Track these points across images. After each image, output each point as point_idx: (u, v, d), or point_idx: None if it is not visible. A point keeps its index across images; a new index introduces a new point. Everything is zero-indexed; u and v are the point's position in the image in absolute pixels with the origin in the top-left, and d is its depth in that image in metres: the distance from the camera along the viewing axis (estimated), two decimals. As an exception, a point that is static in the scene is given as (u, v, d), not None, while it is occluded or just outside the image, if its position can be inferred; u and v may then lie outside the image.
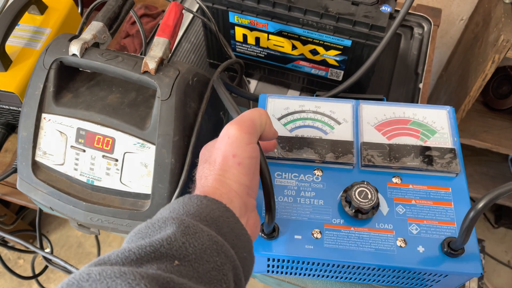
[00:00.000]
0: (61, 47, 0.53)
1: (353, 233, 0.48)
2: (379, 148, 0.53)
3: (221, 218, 0.36)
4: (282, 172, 0.52)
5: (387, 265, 0.47)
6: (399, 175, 0.52)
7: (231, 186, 0.39)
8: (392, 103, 0.57)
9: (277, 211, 0.49)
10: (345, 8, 0.59)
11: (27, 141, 0.54)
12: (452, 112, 0.56)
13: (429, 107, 0.57)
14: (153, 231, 0.33)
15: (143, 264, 0.29)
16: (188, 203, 0.36)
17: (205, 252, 0.32)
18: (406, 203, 0.50)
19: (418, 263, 0.47)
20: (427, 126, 0.55)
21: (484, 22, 1.18)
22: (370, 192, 0.47)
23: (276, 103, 0.57)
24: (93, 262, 0.30)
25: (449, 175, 0.52)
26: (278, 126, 0.55)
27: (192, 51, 0.84)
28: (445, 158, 0.52)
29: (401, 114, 0.56)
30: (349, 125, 0.55)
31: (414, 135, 0.54)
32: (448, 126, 0.55)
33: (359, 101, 0.57)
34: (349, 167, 0.52)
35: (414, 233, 0.48)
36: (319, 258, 0.47)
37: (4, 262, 0.98)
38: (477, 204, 0.40)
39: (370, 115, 0.56)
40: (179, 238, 0.31)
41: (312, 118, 0.56)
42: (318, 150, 0.53)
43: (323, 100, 0.58)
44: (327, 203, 0.50)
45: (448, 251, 0.46)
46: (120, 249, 0.30)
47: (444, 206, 0.50)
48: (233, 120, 0.41)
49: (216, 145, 0.40)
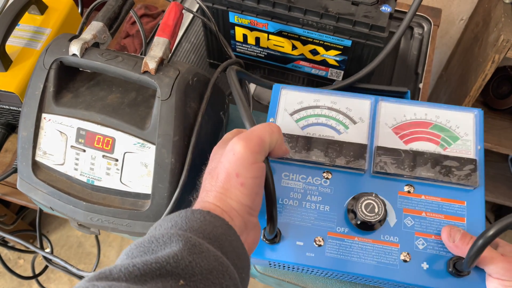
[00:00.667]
0: (61, 47, 0.53)
1: (357, 244, 0.47)
2: (394, 155, 0.49)
3: (223, 236, 0.35)
4: (289, 173, 0.50)
5: (387, 278, 0.45)
6: (412, 184, 0.49)
7: (232, 205, 0.38)
8: (415, 102, 0.53)
9: (281, 214, 0.48)
10: (345, 8, 0.59)
11: (27, 141, 0.54)
12: (480, 115, 0.51)
13: (455, 108, 0.52)
14: (157, 246, 0.32)
15: (147, 281, 0.28)
16: (191, 218, 0.35)
17: (211, 273, 0.31)
18: (416, 215, 0.47)
19: (420, 280, 0.45)
20: (449, 131, 0.51)
21: (484, 22, 1.18)
22: (377, 206, 0.45)
23: (290, 95, 0.54)
24: (93, 276, 0.29)
25: (467, 187, 0.48)
26: (290, 122, 0.53)
27: (192, 51, 0.84)
28: (464, 170, 0.48)
29: (423, 116, 0.52)
30: (365, 125, 0.52)
31: (433, 141, 0.50)
32: (473, 133, 0.50)
33: (378, 98, 0.53)
34: (360, 172, 0.50)
35: (420, 248, 0.46)
36: (319, 267, 0.46)
37: (4, 262, 0.98)
38: (486, 232, 0.38)
39: (388, 115, 0.52)
40: (185, 256, 0.30)
41: (327, 115, 0.52)
42: (329, 153, 0.50)
43: (341, 95, 0.54)
44: (333, 209, 0.48)
45: (453, 271, 0.44)
46: (122, 263, 0.29)
47: (456, 221, 0.47)
48: (241, 135, 0.39)
49: (222, 158, 0.39)
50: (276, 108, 0.53)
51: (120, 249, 1.65)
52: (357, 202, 0.46)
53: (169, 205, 0.51)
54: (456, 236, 0.44)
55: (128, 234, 0.56)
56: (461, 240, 0.44)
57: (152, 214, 0.52)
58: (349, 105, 0.53)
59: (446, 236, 0.45)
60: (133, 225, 0.53)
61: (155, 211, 0.52)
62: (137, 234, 0.55)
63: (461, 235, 0.44)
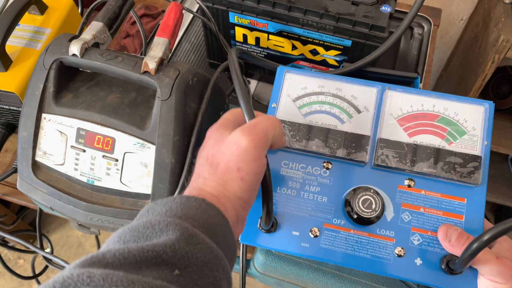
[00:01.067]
0: (61, 47, 0.53)
1: (352, 236, 0.47)
2: (397, 148, 0.48)
3: (217, 226, 0.35)
4: (289, 161, 0.49)
5: (379, 272, 0.46)
6: (412, 178, 0.48)
7: (229, 197, 0.38)
8: (423, 92, 0.51)
9: (279, 203, 0.48)
10: (345, 8, 0.59)
11: (27, 141, 0.54)
12: (490, 109, 0.49)
13: (465, 100, 0.50)
14: (152, 232, 0.31)
15: (142, 268, 0.28)
16: (186, 205, 0.35)
17: (206, 265, 0.31)
18: (414, 211, 0.47)
19: (413, 275, 0.45)
20: (456, 124, 0.49)
21: (484, 22, 1.18)
22: (374, 202, 0.45)
23: (294, 80, 0.52)
24: (85, 261, 0.27)
25: (469, 184, 0.47)
26: (292, 109, 0.51)
27: (192, 51, 0.84)
28: (468, 167, 0.47)
29: (430, 107, 0.50)
30: (369, 115, 0.50)
31: (439, 134, 0.49)
32: (481, 127, 0.49)
33: (385, 87, 0.51)
34: (361, 164, 0.49)
35: (415, 244, 0.46)
36: (313, 257, 0.47)
37: (4, 262, 0.98)
38: (482, 236, 0.38)
39: (395, 105, 0.50)
40: (182, 247, 0.30)
41: (331, 103, 0.51)
42: (330, 143, 0.49)
43: (346, 81, 0.52)
44: (331, 201, 0.48)
45: (446, 269, 0.44)
46: (116, 247, 0.29)
47: (454, 218, 0.47)
48: (246, 128, 0.38)
49: (222, 148, 0.38)
50: (279, 93, 0.52)
51: (120, 249, 1.65)
52: (354, 197, 0.46)
53: (169, 205, 0.51)
54: (452, 236, 0.44)
55: (128, 234, 0.56)
56: (457, 240, 0.44)
57: (152, 214, 0.52)
58: (355, 93, 0.51)
59: (443, 235, 0.45)
60: (133, 225, 0.53)
61: (155, 211, 0.52)
62: (137, 234, 0.55)
63: (457, 235, 0.44)
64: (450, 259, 0.44)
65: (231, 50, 0.50)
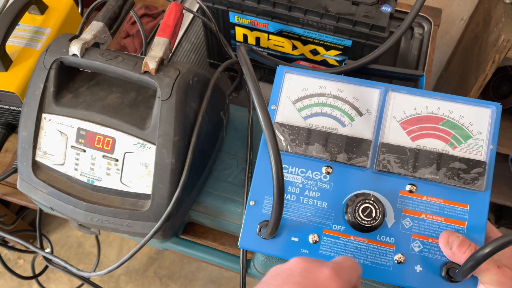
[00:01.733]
0: (61, 47, 0.53)
1: (352, 243, 0.46)
2: (399, 153, 0.47)
3: None
4: (289, 165, 0.49)
5: (379, 279, 0.45)
6: (414, 184, 0.47)
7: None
8: (428, 93, 0.49)
9: None
10: (345, 8, 0.59)
11: (27, 141, 0.54)
12: (497, 111, 0.48)
13: (471, 102, 0.48)
14: None
15: None
16: None
17: None
18: (415, 217, 0.46)
19: (412, 282, 0.45)
20: (461, 128, 0.48)
21: (484, 22, 1.18)
22: (375, 211, 0.44)
23: (294, 80, 0.51)
24: None
25: (472, 190, 0.47)
26: (292, 111, 0.50)
27: (192, 51, 0.84)
28: (472, 173, 0.46)
29: (435, 110, 0.48)
30: (371, 118, 0.49)
31: (443, 138, 0.48)
32: (487, 131, 0.47)
33: (389, 88, 0.50)
34: (362, 168, 0.48)
35: (415, 251, 0.45)
36: None
37: (4, 262, 0.98)
38: (484, 249, 0.37)
39: (398, 107, 0.49)
40: None
41: (332, 105, 0.50)
42: (330, 148, 0.48)
43: (348, 82, 0.50)
44: (331, 206, 0.47)
45: (446, 277, 0.44)
46: None
47: (456, 225, 0.46)
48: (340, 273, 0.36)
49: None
50: (278, 94, 0.51)
51: (120, 249, 1.65)
52: (354, 204, 0.45)
53: (169, 205, 0.51)
54: (454, 243, 0.44)
55: (128, 234, 0.56)
56: (459, 247, 0.43)
57: (152, 214, 0.52)
58: (357, 95, 0.50)
59: (444, 242, 0.44)
60: (133, 225, 0.53)
61: (155, 212, 0.52)
62: (138, 235, 0.55)
63: (459, 242, 0.43)
64: (450, 267, 0.44)
65: (240, 45, 0.47)
